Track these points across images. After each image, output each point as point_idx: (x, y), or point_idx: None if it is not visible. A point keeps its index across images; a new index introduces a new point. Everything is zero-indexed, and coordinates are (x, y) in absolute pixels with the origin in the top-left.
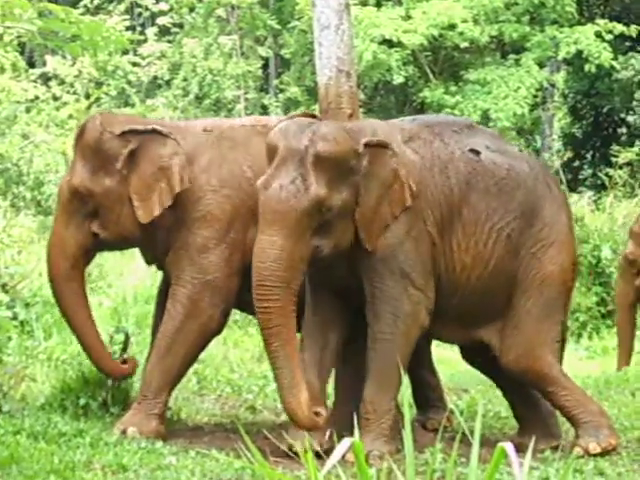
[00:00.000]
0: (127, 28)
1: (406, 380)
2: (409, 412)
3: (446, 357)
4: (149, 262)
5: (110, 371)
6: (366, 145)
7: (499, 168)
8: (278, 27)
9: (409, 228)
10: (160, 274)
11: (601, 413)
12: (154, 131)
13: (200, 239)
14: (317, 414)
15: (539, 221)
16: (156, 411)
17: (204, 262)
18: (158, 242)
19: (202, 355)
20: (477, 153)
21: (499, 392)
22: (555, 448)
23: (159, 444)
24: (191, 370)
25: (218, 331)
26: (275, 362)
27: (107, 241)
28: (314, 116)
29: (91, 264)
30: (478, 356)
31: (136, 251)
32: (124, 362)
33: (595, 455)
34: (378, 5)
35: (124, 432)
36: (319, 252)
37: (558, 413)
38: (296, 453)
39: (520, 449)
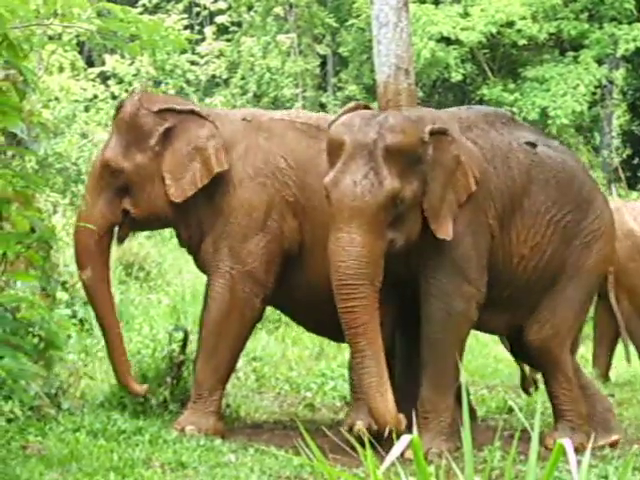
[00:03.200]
0: (185, 27)
1: (463, 377)
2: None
3: (505, 356)
4: (182, 245)
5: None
6: (431, 133)
7: (554, 161)
8: (336, 25)
9: (468, 222)
10: None
11: (584, 416)
12: (192, 112)
13: (238, 228)
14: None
15: (592, 212)
16: (212, 408)
17: (243, 252)
18: (192, 226)
19: (261, 353)
20: (533, 146)
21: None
22: (615, 444)
23: (218, 441)
24: (250, 368)
25: (259, 319)
26: (362, 362)
27: (138, 219)
28: (367, 107)
29: (150, 262)
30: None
31: None
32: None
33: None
34: (436, 2)
35: (182, 431)
36: (393, 245)
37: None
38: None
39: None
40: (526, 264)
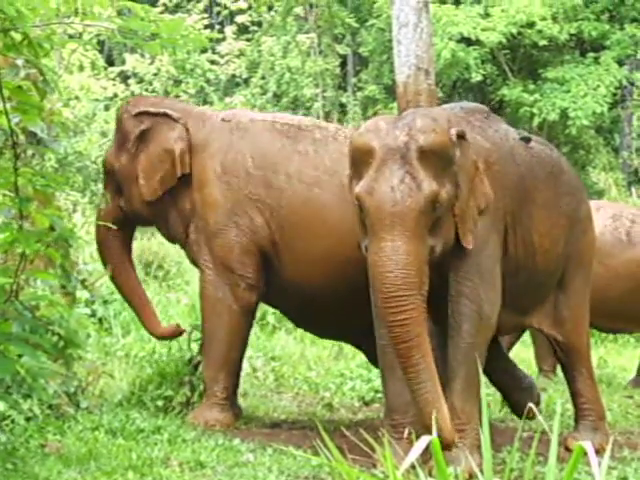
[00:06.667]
0: (206, 27)
1: (483, 379)
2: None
3: (525, 357)
4: (170, 240)
5: (156, 333)
6: (458, 136)
7: (548, 155)
8: (356, 25)
9: (493, 221)
10: None
11: (604, 417)
12: (165, 115)
13: (207, 224)
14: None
15: (583, 202)
16: (214, 400)
17: (214, 246)
18: (173, 223)
19: (279, 352)
20: (527, 141)
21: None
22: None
23: (236, 441)
24: (268, 367)
25: (249, 307)
26: (417, 376)
27: (129, 215)
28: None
29: (170, 261)
30: None
31: None
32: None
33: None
34: (457, 3)
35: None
36: (433, 252)
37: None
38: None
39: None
40: (548, 256)
